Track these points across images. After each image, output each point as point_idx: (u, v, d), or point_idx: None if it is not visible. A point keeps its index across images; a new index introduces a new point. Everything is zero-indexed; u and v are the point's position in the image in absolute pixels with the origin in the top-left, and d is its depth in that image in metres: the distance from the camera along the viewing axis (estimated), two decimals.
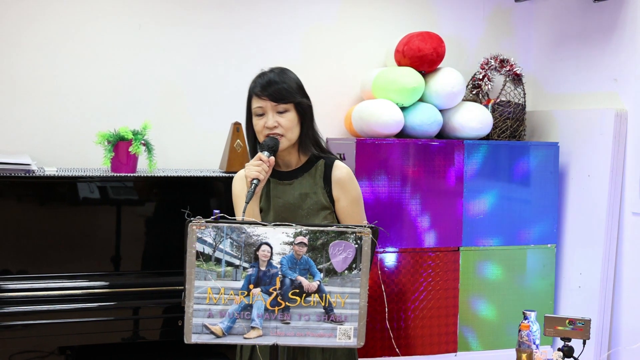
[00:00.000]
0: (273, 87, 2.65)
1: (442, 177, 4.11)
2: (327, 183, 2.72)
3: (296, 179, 2.73)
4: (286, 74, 2.72)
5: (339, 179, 2.72)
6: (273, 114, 2.65)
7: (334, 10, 4.51)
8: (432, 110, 4.20)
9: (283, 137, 2.66)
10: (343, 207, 2.72)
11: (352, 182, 2.76)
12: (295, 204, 2.70)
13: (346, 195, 2.73)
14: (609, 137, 4.11)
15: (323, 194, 2.71)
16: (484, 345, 4.22)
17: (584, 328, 2.99)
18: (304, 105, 2.70)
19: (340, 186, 2.72)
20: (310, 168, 2.74)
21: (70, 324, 3.45)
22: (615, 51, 4.20)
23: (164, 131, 4.14)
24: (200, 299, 2.20)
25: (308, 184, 2.72)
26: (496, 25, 4.83)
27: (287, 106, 2.66)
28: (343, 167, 2.76)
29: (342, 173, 2.74)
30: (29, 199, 3.57)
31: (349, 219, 2.72)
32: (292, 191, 2.72)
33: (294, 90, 2.68)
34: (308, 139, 2.74)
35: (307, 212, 2.69)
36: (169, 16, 4.20)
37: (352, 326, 2.25)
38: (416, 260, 4.08)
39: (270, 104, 2.65)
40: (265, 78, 2.68)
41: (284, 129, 2.65)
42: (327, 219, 2.70)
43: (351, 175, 2.76)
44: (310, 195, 2.71)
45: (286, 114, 2.66)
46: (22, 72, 3.98)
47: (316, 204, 2.70)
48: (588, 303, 4.20)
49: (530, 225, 4.28)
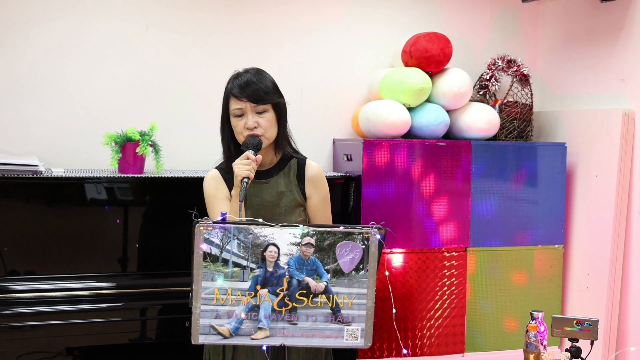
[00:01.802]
0: (251, 88, 2.73)
1: (450, 178, 4.11)
2: (300, 181, 2.83)
3: (272, 178, 2.82)
4: (262, 75, 2.81)
5: (311, 177, 2.85)
6: (253, 114, 2.73)
7: (340, 11, 4.50)
8: (439, 110, 4.20)
9: (262, 136, 2.74)
10: (315, 204, 2.85)
11: (323, 180, 2.89)
12: (273, 202, 2.78)
13: (318, 193, 2.86)
14: (616, 137, 4.10)
15: (297, 192, 2.82)
16: (492, 346, 4.21)
17: (592, 329, 2.98)
18: (281, 106, 2.80)
19: (313, 184, 2.85)
20: (284, 167, 2.85)
21: (78, 324, 3.45)
22: (622, 51, 4.19)
23: (171, 132, 4.14)
24: (207, 300, 2.20)
25: (283, 182, 2.81)
26: (503, 25, 4.82)
27: (266, 107, 2.75)
28: (315, 166, 2.89)
29: (314, 171, 2.87)
30: (36, 200, 3.58)
31: (319, 216, 2.85)
32: (269, 190, 2.80)
33: (271, 90, 2.77)
34: (284, 138, 2.84)
35: (284, 209, 2.78)
36: (176, 18, 4.21)
37: (359, 327, 2.25)
38: (423, 261, 4.07)
39: (249, 104, 2.73)
40: (243, 79, 2.77)
41: (263, 129, 2.74)
42: (302, 215, 2.81)
43: (322, 174, 2.89)
44: (286, 194, 2.80)
45: (265, 114, 2.75)
46: (30, 73, 3.99)
47: (292, 201, 2.80)
48: (596, 303, 4.19)
49: (537, 225, 4.27)
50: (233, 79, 2.82)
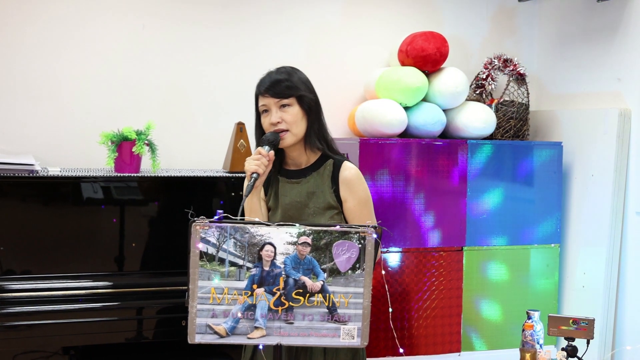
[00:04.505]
0: (275, 84, 2.65)
1: (446, 177, 4.11)
2: (334, 183, 2.69)
3: (304, 178, 2.71)
4: (290, 72, 2.71)
5: (346, 179, 2.69)
6: (276, 109, 2.64)
7: (337, 10, 4.51)
8: (436, 110, 4.20)
9: (288, 132, 2.64)
10: (350, 207, 2.69)
11: (360, 183, 2.72)
12: (302, 202, 2.69)
13: (353, 196, 2.69)
14: (612, 136, 4.11)
15: (330, 194, 2.68)
16: (488, 345, 4.21)
17: (588, 328, 2.99)
18: (307, 99, 2.68)
19: (347, 186, 2.69)
20: (319, 167, 2.72)
21: (74, 324, 3.45)
22: (618, 50, 4.20)
23: (168, 131, 4.14)
24: (203, 299, 2.20)
25: (316, 182, 2.70)
26: (500, 25, 4.83)
27: (289, 100, 2.65)
28: (351, 167, 2.72)
29: (350, 173, 2.70)
30: (32, 199, 3.58)
31: (356, 220, 2.66)
32: (299, 190, 2.70)
33: (296, 85, 2.67)
34: (313, 132, 2.70)
35: (313, 210, 2.67)
36: (173, 16, 4.20)
37: (355, 326, 2.25)
38: (420, 260, 4.08)
39: (272, 100, 2.64)
40: (269, 77, 2.69)
41: (288, 123, 2.64)
42: (334, 219, 2.68)
43: (359, 176, 2.73)
44: (317, 194, 2.69)
45: (289, 109, 2.65)
46: (26, 72, 3.99)
47: (322, 203, 2.68)
48: (592, 303, 4.20)
49: (533, 225, 4.27)
50: (261, 77, 2.73)
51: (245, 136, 3.95)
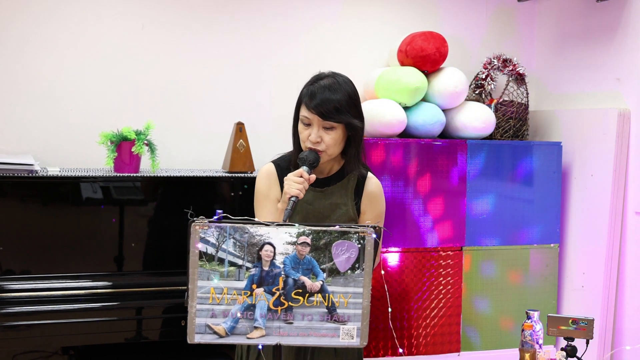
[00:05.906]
0: (323, 102, 2.53)
1: (445, 177, 4.11)
2: (357, 195, 2.68)
3: (328, 187, 2.68)
4: (339, 85, 2.59)
5: (370, 192, 2.69)
6: (319, 128, 2.55)
7: (336, 11, 4.50)
8: (435, 110, 4.20)
9: (324, 152, 2.58)
10: (366, 219, 2.68)
11: (381, 198, 2.73)
12: (324, 213, 2.66)
13: (372, 210, 2.70)
14: (612, 136, 4.11)
15: (352, 207, 2.67)
16: (487, 345, 4.21)
17: (587, 328, 2.99)
18: (353, 127, 2.58)
19: (369, 200, 2.69)
20: (342, 178, 2.69)
21: (74, 324, 3.45)
22: (618, 51, 4.20)
23: (167, 131, 4.14)
24: (203, 299, 2.20)
25: (340, 194, 2.67)
26: (499, 24, 4.83)
27: (335, 124, 2.55)
28: (375, 182, 2.72)
29: (374, 188, 2.71)
30: (32, 199, 3.58)
31: None
32: (323, 199, 2.67)
33: (345, 107, 2.55)
34: (357, 160, 2.64)
35: (335, 222, 2.58)
36: (172, 17, 4.20)
37: (355, 326, 2.25)
38: (419, 260, 4.08)
39: (317, 118, 2.55)
40: (317, 86, 2.58)
41: (326, 145, 2.56)
42: None
43: (381, 190, 2.73)
44: (341, 207, 2.67)
45: (332, 132, 2.56)
46: (25, 73, 3.98)
47: (345, 215, 2.66)
48: (591, 303, 4.20)
49: (533, 224, 4.27)
50: (309, 84, 2.62)
51: (244, 136, 3.95)
